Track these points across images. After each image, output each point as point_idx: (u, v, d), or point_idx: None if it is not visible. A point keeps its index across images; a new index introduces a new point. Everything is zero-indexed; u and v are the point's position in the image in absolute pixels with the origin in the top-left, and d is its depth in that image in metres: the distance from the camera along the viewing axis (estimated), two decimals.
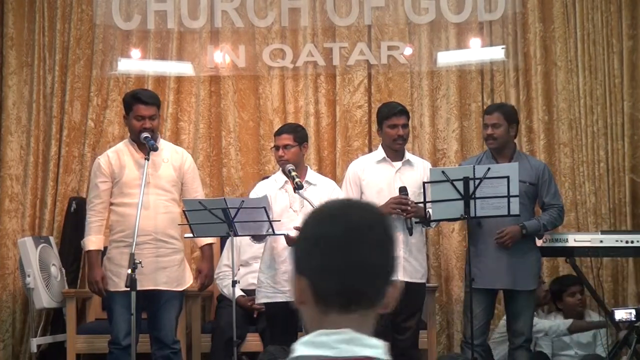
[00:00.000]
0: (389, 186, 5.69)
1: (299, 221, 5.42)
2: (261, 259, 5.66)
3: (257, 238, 5.51)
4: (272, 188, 5.57)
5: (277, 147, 5.57)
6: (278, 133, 5.64)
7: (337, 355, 1.80)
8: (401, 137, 5.69)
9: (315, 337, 1.85)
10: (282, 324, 5.52)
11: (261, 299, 5.59)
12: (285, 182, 5.57)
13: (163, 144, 5.58)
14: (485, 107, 6.52)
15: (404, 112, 5.77)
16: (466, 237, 6.33)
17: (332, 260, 1.84)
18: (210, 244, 5.67)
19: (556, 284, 6.63)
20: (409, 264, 5.65)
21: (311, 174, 5.64)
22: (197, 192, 5.61)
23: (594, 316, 6.58)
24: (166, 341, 5.39)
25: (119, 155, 5.46)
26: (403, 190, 5.58)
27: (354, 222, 1.85)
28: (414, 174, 5.66)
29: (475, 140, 7.01)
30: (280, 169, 5.66)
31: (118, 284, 5.30)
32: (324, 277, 1.83)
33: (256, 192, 5.61)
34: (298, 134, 5.60)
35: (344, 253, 1.84)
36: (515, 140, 6.02)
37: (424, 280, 5.88)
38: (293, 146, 5.54)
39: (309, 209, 5.42)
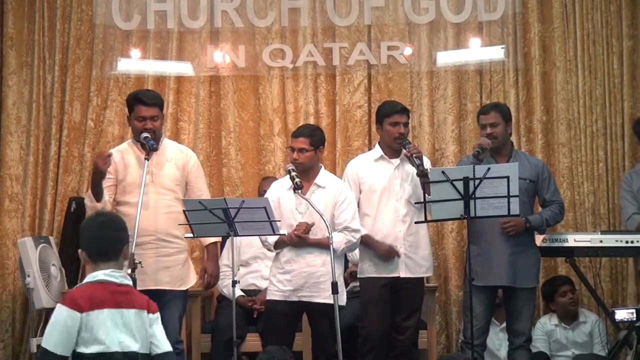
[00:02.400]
0: (389, 183, 5.70)
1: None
2: (273, 258, 5.63)
3: (277, 246, 5.51)
4: (282, 189, 5.58)
5: (292, 149, 5.57)
6: (295, 135, 5.59)
7: (121, 281, 3.81)
8: (402, 136, 5.69)
9: (109, 272, 3.80)
10: (279, 321, 5.51)
11: (267, 295, 5.59)
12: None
13: (167, 143, 5.58)
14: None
15: (405, 110, 5.79)
16: (465, 237, 6.34)
17: (94, 240, 3.87)
18: (215, 243, 5.66)
19: (547, 286, 6.63)
20: (410, 259, 5.66)
21: (322, 176, 5.58)
22: (202, 191, 5.60)
23: (588, 315, 6.59)
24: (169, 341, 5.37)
25: (123, 155, 5.45)
26: (405, 140, 5.67)
27: (103, 219, 3.99)
28: (412, 169, 5.65)
29: (473, 140, 7.00)
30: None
31: None
32: (91, 248, 3.85)
33: (269, 193, 5.61)
34: (315, 138, 5.55)
35: (99, 235, 3.85)
36: (513, 140, 6.04)
37: (429, 274, 5.90)
38: (308, 150, 5.51)
39: (312, 212, 5.42)
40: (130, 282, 3.87)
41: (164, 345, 3.88)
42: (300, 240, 5.41)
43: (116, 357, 3.70)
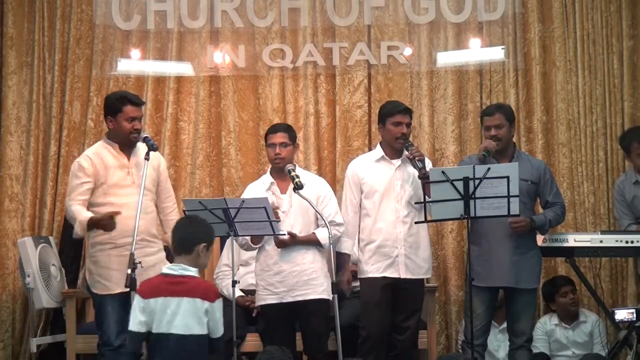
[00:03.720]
0: (389, 184, 5.70)
1: (288, 222, 5.45)
2: (256, 261, 5.65)
3: (254, 241, 5.52)
4: (260, 190, 5.58)
5: (271, 145, 5.58)
6: (273, 131, 5.66)
7: (179, 273, 4.45)
8: (404, 136, 5.69)
9: (170, 266, 4.51)
10: (278, 324, 5.52)
11: (258, 301, 5.61)
12: (272, 183, 5.59)
13: (139, 145, 5.54)
14: (484, 108, 6.53)
15: (408, 110, 5.79)
16: (464, 237, 6.34)
17: (172, 237, 4.60)
18: None
19: (547, 286, 6.62)
20: (410, 260, 5.65)
21: (301, 173, 5.62)
22: (171, 192, 5.71)
23: (588, 315, 6.59)
24: None
25: (101, 157, 5.42)
26: (408, 142, 5.68)
27: (185, 220, 4.80)
28: (413, 171, 5.65)
29: (473, 141, 7.02)
30: (269, 170, 5.67)
31: (109, 287, 5.29)
32: (171, 244, 4.58)
33: (246, 196, 5.61)
34: (291, 133, 5.69)
35: (176, 233, 4.57)
36: (514, 140, 6.03)
37: (428, 275, 5.89)
38: (288, 144, 5.60)
39: (298, 209, 5.43)
40: (192, 273, 4.45)
41: (216, 331, 4.47)
42: (292, 240, 5.43)
43: (170, 338, 4.37)
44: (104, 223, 5.21)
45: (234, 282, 5.39)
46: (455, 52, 7.15)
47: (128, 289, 4.91)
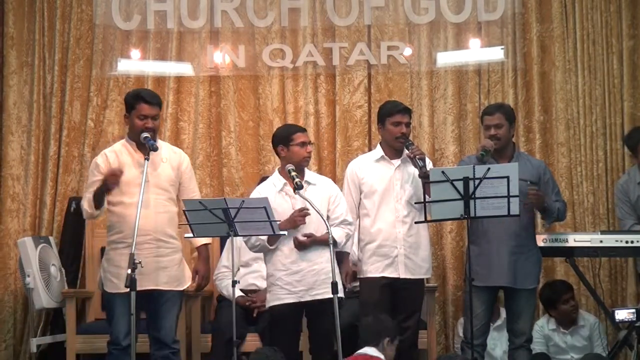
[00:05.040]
0: (389, 184, 5.69)
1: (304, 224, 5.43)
2: (269, 262, 5.60)
3: (271, 242, 5.50)
4: (271, 191, 5.54)
5: (303, 144, 5.52)
6: (303, 130, 5.62)
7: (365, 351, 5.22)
8: (404, 135, 5.69)
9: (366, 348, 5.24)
10: (288, 325, 5.49)
11: (273, 301, 5.50)
12: (285, 184, 5.54)
13: (161, 143, 5.54)
14: (484, 108, 6.53)
15: (407, 110, 5.78)
16: (464, 237, 6.34)
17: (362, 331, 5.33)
18: (207, 245, 5.63)
19: (548, 292, 6.53)
20: (409, 260, 5.65)
21: (309, 174, 5.63)
22: (195, 192, 5.60)
23: (587, 317, 6.57)
24: (166, 341, 5.38)
25: (117, 155, 5.42)
26: (408, 141, 5.68)
27: (371, 317, 5.38)
28: (413, 170, 5.65)
29: (473, 141, 7.02)
30: (277, 170, 5.65)
31: (118, 286, 5.27)
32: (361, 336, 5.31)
33: (256, 195, 5.59)
34: None
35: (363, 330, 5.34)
36: (514, 140, 6.03)
37: (428, 275, 5.88)
38: (311, 144, 5.64)
39: (310, 210, 5.42)
40: (376, 354, 5.14)
41: None
42: (311, 241, 5.41)
43: None
44: (107, 178, 5.18)
45: (234, 282, 5.38)
46: (455, 52, 7.16)
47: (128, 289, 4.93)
